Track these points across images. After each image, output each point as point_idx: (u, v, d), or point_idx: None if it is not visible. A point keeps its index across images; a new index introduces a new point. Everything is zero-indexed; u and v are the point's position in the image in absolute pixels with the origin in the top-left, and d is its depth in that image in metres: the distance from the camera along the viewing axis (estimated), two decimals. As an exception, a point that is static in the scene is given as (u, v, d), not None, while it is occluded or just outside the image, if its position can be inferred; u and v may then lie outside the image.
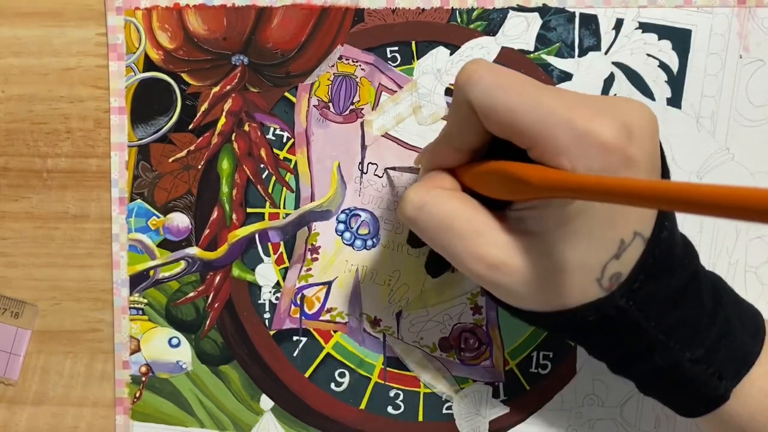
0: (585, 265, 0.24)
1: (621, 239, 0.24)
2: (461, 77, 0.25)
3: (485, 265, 0.25)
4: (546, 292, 0.25)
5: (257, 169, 0.36)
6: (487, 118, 0.25)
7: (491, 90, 0.24)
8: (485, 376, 0.36)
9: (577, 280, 0.24)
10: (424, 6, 0.35)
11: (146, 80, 0.36)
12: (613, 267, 0.24)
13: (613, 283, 0.24)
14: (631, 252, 0.24)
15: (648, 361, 0.26)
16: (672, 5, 0.34)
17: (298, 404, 0.37)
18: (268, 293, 0.37)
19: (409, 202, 0.27)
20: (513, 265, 0.25)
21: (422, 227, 0.26)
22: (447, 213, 0.26)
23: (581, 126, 0.23)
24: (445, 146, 0.27)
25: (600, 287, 0.24)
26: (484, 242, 0.25)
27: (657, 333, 0.25)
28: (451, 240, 0.26)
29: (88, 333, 0.37)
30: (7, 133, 0.37)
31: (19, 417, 0.38)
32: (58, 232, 0.37)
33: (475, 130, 0.26)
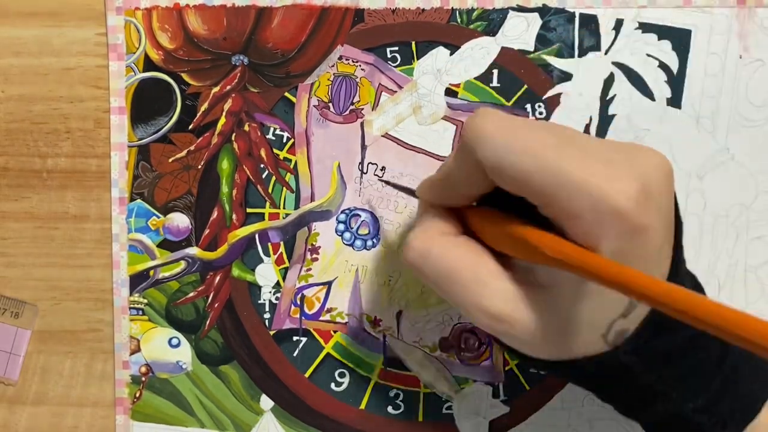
0: (592, 322, 0.24)
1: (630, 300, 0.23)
2: (468, 134, 0.24)
3: (488, 316, 0.24)
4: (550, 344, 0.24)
5: (257, 169, 0.36)
6: (498, 177, 0.24)
7: (501, 152, 0.23)
8: (485, 376, 0.36)
9: (583, 336, 0.24)
10: (424, 6, 0.35)
11: (146, 80, 0.36)
12: (620, 324, 0.24)
13: (619, 338, 0.24)
14: (639, 310, 0.24)
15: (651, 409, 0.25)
16: (672, 5, 0.34)
17: (298, 404, 0.37)
18: (268, 293, 0.37)
19: (413, 250, 0.26)
20: (517, 318, 0.24)
21: (426, 276, 0.26)
22: (451, 263, 0.25)
23: (597, 192, 0.22)
24: (450, 191, 0.27)
25: (605, 342, 0.24)
26: (489, 294, 0.24)
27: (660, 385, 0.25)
28: (456, 290, 0.25)
29: (88, 333, 0.37)
30: (7, 133, 0.37)
31: (19, 417, 0.38)
32: (58, 232, 0.37)
33: (483, 181, 0.25)
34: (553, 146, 0.23)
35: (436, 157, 0.35)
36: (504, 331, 0.24)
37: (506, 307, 0.24)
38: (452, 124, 0.35)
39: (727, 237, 0.35)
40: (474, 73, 0.35)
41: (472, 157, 0.24)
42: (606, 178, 0.22)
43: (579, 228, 0.22)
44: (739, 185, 0.35)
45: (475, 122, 0.24)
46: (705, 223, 0.35)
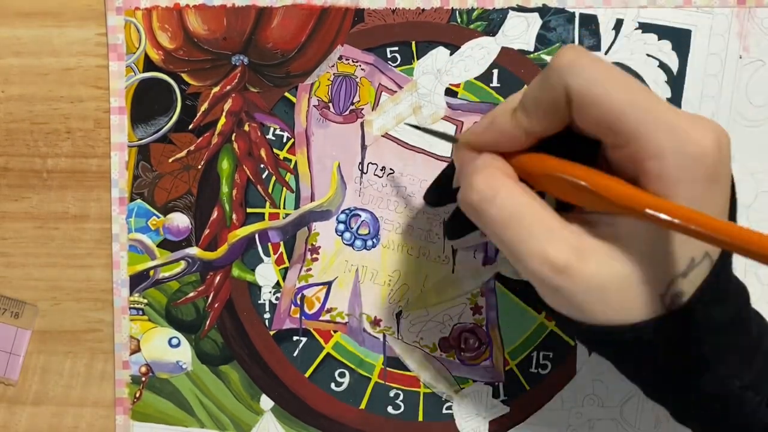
0: (653, 279, 0.23)
1: (692, 257, 0.23)
2: (562, 61, 0.23)
3: (551, 266, 0.23)
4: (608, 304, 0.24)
5: (257, 169, 0.36)
6: (585, 110, 0.23)
7: (597, 82, 0.23)
8: (485, 376, 0.36)
9: (642, 294, 0.23)
10: (424, 6, 0.35)
11: (146, 80, 0.36)
12: (679, 285, 0.23)
13: (675, 301, 0.24)
14: (697, 272, 0.23)
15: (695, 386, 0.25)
16: (672, 5, 0.34)
17: (298, 404, 0.37)
18: (268, 293, 0.37)
19: (478, 192, 0.24)
20: (580, 270, 0.23)
21: (490, 219, 0.24)
22: (520, 207, 0.24)
23: (685, 134, 0.22)
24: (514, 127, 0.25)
25: (662, 304, 0.23)
26: (554, 241, 0.23)
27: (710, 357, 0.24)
28: (519, 236, 0.24)
29: (88, 333, 0.37)
30: (7, 133, 0.37)
31: (19, 417, 0.38)
32: (58, 232, 0.37)
33: (559, 118, 0.24)
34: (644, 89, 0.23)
35: (436, 157, 0.35)
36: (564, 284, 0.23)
37: (570, 257, 0.23)
38: (452, 124, 0.35)
39: (727, 237, 0.35)
40: (474, 73, 0.35)
41: (562, 86, 0.23)
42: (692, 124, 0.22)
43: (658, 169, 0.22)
44: (739, 185, 0.35)
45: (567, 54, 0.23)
46: (705, 223, 0.35)
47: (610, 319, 0.24)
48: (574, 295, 0.23)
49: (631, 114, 0.22)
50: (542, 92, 0.24)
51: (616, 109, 0.23)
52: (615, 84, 0.23)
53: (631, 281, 0.23)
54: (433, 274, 0.36)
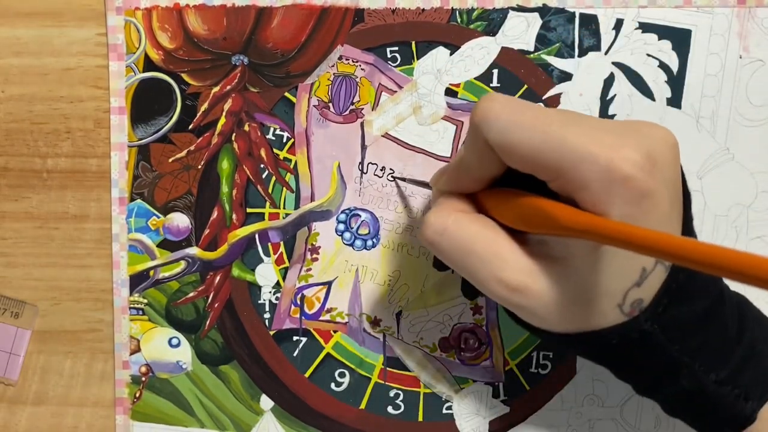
0: (607, 292, 0.24)
1: (642, 267, 0.24)
2: (476, 115, 0.25)
3: (507, 288, 0.25)
4: (568, 316, 0.25)
5: (257, 169, 0.36)
6: (508, 156, 0.24)
7: (509, 128, 0.24)
8: (485, 376, 0.36)
9: (599, 306, 0.24)
10: (424, 6, 0.35)
11: (146, 80, 0.36)
12: (635, 294, 0.24)
13: (635, 308, 0.24)
14: (652, 279, 0.24)
15: (673, 383, 0.26)
16: (672, 5, 0.34)
17: (298, 404, 0.37)
18: (268, 293, 0.37)
19: (430, 227, 0.27)
20: (535, 289, 0.25)
21: (444, 251, 0.26)
22: (468, 237, 0.26)
23: (604, 160, 0.22)
24: (464, 175, 0.27)
25: (621, 313, 0.24)
26: (506, 266, 0.25)
27: (681, 356, 0.25)
28: (473, 263, 0.26)
29: (88, 333, 0.37)
30: (7, 133, 0.37)
31: (19, 417, 0.38)
32: (58, 232, 0.37)
33: (494, 163, 0.25)
34: (559, 122, 0.24)
35: (436, 157, 0.35)
36: (522, 302, 0.25)
37: (523, 277, 0.25)
38: (452, 124, 0.35)
39: (727, 237, 0.35)
40: (474, 73, 0.35)
41: (481, 138, 0.25)
42: (610, 147, 0.23)
43: (588, 197, 0.23)
44: (739, 185, 0.35)
45: (482, 104, 0.25)
46: (705, 223, 0.35)
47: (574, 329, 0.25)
48: (534, 310, 0.25)
49: (547, 153, 0.23)
50: (472, 146, 0.26)
51: (533, 151, 0.24)
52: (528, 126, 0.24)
53: (585, 295, 0.24)
54: (433, 274, 0.36)
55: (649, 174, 0.23)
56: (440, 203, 0.28)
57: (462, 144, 0.35)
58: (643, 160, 0.23)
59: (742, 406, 0.25)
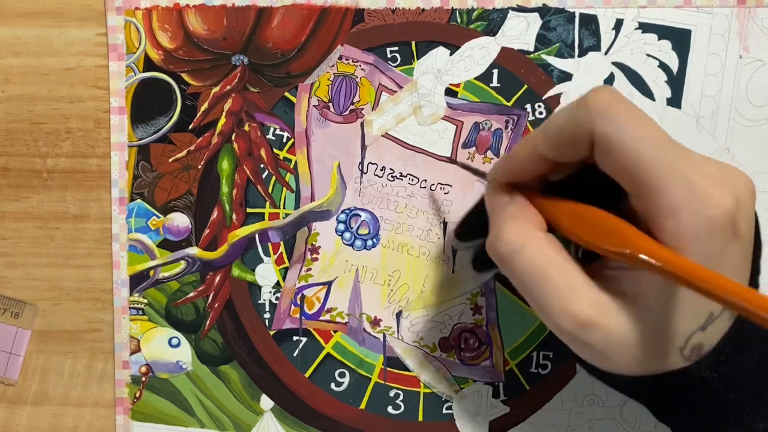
0: (672, 333, 0.24)
1: (711, 312, 0.24)
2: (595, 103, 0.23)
3: (575, 322, 0.24)
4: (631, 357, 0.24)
5: (257, 169, 0.36)
6: (608, 155, 0.24)
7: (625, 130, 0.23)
8: (485, 376, 0.36)
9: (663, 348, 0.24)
10: (424, 6, 0.35)
11: (146, 80, 0.36)
12: (698, 338, 0.24)
13: (694, 353, 0.24)
14: (717, 324, 0.24)
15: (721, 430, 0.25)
16: (672, 5, 0.34)
17: (298, 404, 0.37)
18: (268, 293, 0.37)
19: (507, 244, 0.25)
20: (603, 326, 0.24)
21: (515, 271, 0.25)
22: (544, 262, 0.25)
23: (703, 193, 0.22)
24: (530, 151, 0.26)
25: (682, 357, 0.24)
26: (578, 298, 0.24)
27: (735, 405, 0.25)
28: (543, 291, 0.24)
29: (88, 333, 0.37)
30: (7, 133, 0.37)
31: (19, 417, 0.38)
32: (58, 232, 0.37)
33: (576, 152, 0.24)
34: (671, 143, 0.23)
35: (436, 157, 0.35)
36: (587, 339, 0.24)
37: (594, 313, 0.24)
38: (452, 124, 0.35)
39: (727, 237, 0.35)
40: (474, 73, 0.35)
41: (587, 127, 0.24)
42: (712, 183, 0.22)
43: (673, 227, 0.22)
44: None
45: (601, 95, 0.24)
46: (705, 223, 0.35)
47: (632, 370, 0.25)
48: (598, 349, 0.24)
49: (653, 168, 0.23)
50: (567, 125, 0.24)
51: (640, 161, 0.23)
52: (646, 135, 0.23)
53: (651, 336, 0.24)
54: (433, 274, 0.36)
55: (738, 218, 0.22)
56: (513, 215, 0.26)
57: (462, 152, 0.34)
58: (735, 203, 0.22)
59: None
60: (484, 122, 0.35)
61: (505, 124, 0.35)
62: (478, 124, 0.35)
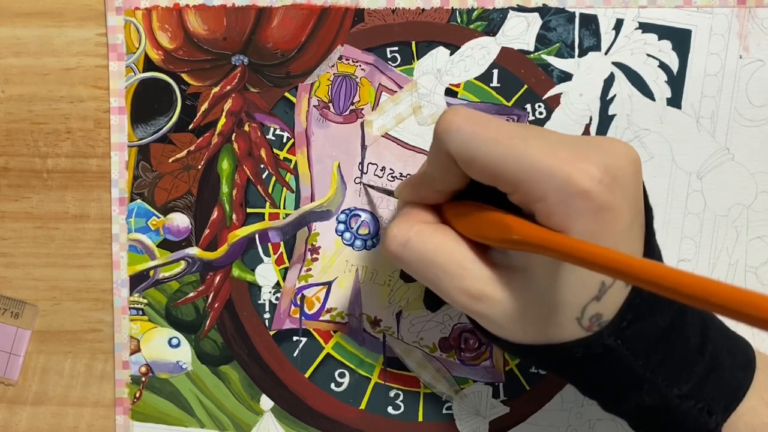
0: (565, 303, 0.24)
1: (602, 281, 0.24)
2: (439, 126, 0.25)
3: (468, 296, 0.26)
4: (527, 326, 0.25)
5: (257, 169, 0.36)
6: (468, 167, 0.25)
7: (470, 141, 0.24)
8: (485, 376, 0.36)
9: (558, 318, 0.25)
10: (424, 6, 0.35)
11: (146, 80, 0.36)
12: (594, 308, 0.24)
13: (593, 323, 0.24)
14: (613, 293, 0.24)
15: (636, 399, 0.26)
16: (672, 5, 0.34)
17: (298, 404, 0.37)
18: (268, 293, 0.37)
19: (393, 239, 0.27)
20: (495, 298, 0.25)
21: (407, 263, 0.27)
22: (429, 248, 0.26)
23: (562, 173, 0.23)
24: (427, 187, 0.28)
25: (580, 327, 0.25)
26: (467, 275, 0.26)
27: (644, 371, 0.25)
28: (435, 274, 0.26)
29: (88, 333, 0.37)
30: (7, 133, 0.37)
31: (19, 417, 0.38)
32: (58, 232, 0.37)
33: (456, 175, 0.26)
34: (519, 135, 0.24)
35: (436, 157, 0.35)
36: (482, 310, 0.25)
37: (484, 286, 0.25)
38: (452, 124, 0.35)
39: (727, 237, 0.35)
40: (474, 73, 0.35)
41: (444, 150, 0.25)
42: (569, 162, 0.23)
43: (546, 210, 0.23)
44: (739, 185, 0.35)
45: (445, 116, 0.25)
46: (705, 223, 0.35)
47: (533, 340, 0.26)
48: (494, 319, 0.26)
49: (507, 165, 0.24)
50: (435, 157, 0.26)
51: (493, 163, 0.24)
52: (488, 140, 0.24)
53: (544, 306, 0.25)
54: (433, 274, 0.36)
55: (607, 188, 0.23)
56: (403, 214, 0.28)
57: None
58: (601, 175, 0.23)
59: (706, 420, 0.25)
60: (484, 122, 0.35)
61: (505, 124, 0.35)
62: (478, 124, 0.35)
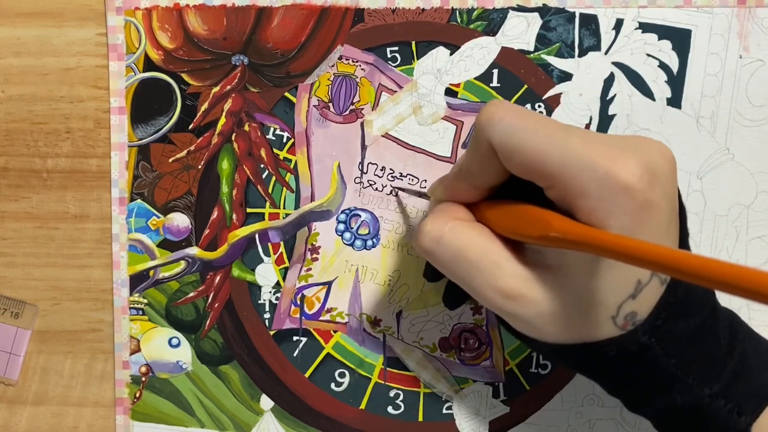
0: (601, 302, 0.24)
1: (638, 280, 0.24)
2: (482, 117, 0.25)
3: (502, 296, 0.25)
4: (562, 326, 0.25)
5: (257, 169, 0.36)
6: (509, 159, 0.25)
7: (514, 131, 0.24)
8: (485, 376, 0.36)
9: (593, 317, 0.24)
10: (424, 6, 0.35)
11: (146, 80, 0.36)
12: (629, 306, 0.24)
13: (628, 321, 0.24)
14: (648, 292, 0.24)
15: (667, 398, 0.26)
16: (672, 5, 0.34)
17: (298, 404, 0.37)
18: (268, 293, 0.37)
19: (426, 234, 0.27)
20: (530, 297, 0.25)
21: (439, 259, 0.26)
22: (464, 244, 0.26)
23: (604, 169, 0.23)
24: (463, 183, 0.27)
25: (615, 325, 0.24)
26: (502, 273, 0.25)
27: (676, 370, 0.25)
28: (469, 271, 0.26)
29: (88, 333, 0.37)
30: (7, 133, 0.37)
31: (19, 417, 0.38)
32: (58, 232, 0.37)
33: (495, 169, 0.26)
34: (562, 130, 0.24)
35: (436, 157, 0.35)
36: (516, 310, 0.25)
37: (519, 285, 0.25)
38: (452, 124, 0.35)
39: (727, 237, 0.35)
40: (474, 72, 0.35)
41: (485, 141, 0.25)
42: (611, 157, 0.23)
43: (586, 205, 0.23)
44: (739, 185, 0.35)
45: (488, 109, 0.25)
46: (705, 223, 0.35)
47: (567, 339, 0.25)
48: (528, 319, 0.25)
49: (549, 158, 0.23)
50: (474, 149, 0.26)
51: (535, 155, 0.24)
52: (531, 131, 0.24)
53: (579, 305, 0.24)
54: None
55: (648, 185, 0.23)
56: (437, 211, 0.28)
57: (462, 152, 0.35)
58: (642, 172, 0.23)
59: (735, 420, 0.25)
60: (484, 122, 0.35)
61: (505, 124, 0.35)
62: (478, 124, 0.35)
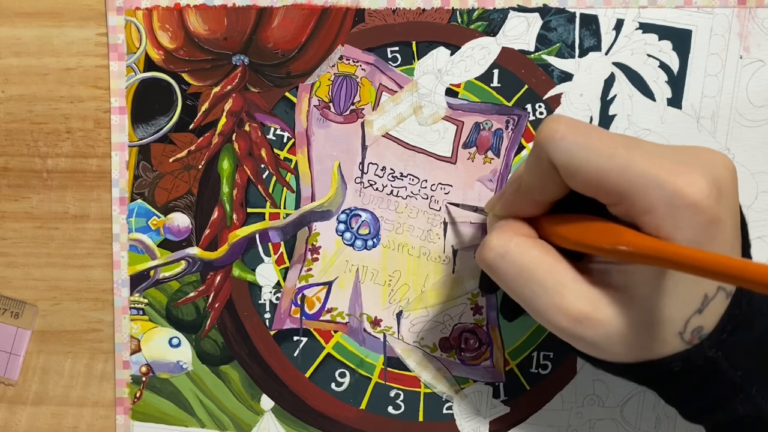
0: (668, 319, 0.24)
1: (705, 294, 0.24)
2: (542, 135, 0.24)
3: (568, 318, 0.25)
4: (628, 345, 0.25)
5: (258, 169, 0.36)
6: (572, 178, 0.24)
7: (576, 150, 0.24)
8: (485, 376, 0.36)
9: (661, 334, 0.24)
10: (424, 6, 0.35)
11: (147, 80, 0.36)
12: (696, 321, 0.24)
13: (695, 336, 0.24)
14: (714, 306, 0.24)
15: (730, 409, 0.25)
16: (672, 6, 0.34)
17: (298, 404, 0.37)
18: (268, 293, 0.37)
19: (491, 249, 0.26)
20: (597, 319, 0.24)
21: (503, 275, 0.26)
22: (529, 262, 0.25)
23: (671, 186, 0.22)
24: (523, 198, 0.27)
25: (682, 340, 0.24)
26: (568, 294, 0.25)
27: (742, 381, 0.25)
28: (533, 290, 0.25)
29: (88, 333, 0.37)
30: (7, 133, 0.37)
31: (19, 417, 0.38)
32: (58, 232, 0.37)
33: (557, 185, 0.25)
34: (624, 145, 0.23)
35: (436, 157, 0.35)
36: (583, 333, 0.25)
37: (586, 307, 0.24)
38: (453, 124, 0.35)
39: (728, 237, 0.35)
40: (474, 73, 0.35)
41: (545, 159, 0.25)
42: (676, 173, 0.23)
43: (652, 222, 0.23)
44: (739, 185, 0.35)
45: (548, 125, 0.24)
46: (705, 223, 0.35)
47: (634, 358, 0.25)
48: (595, 341, 0.25)
49: (613, 176, 0.23)
50: (534, 165, 0.26)
51: (599, 173, 0.23)
52: (593, 149, 0.23)
53: (646, 324, 0.24)
54: (433, 274, 0.36)
55: (716, 201, 0.23)
56: (502, 226, 0.27)
57: (462, 152, 0.35)
58: (709, 188, 0.22)
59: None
60: (484, 122, 0.35)
61: (506, 124, 0.35)
62: (478, 125, 0.35)
